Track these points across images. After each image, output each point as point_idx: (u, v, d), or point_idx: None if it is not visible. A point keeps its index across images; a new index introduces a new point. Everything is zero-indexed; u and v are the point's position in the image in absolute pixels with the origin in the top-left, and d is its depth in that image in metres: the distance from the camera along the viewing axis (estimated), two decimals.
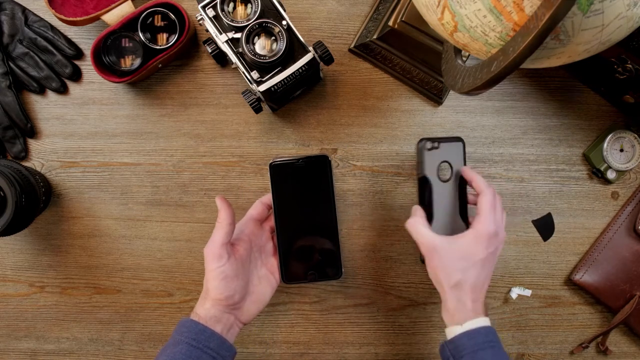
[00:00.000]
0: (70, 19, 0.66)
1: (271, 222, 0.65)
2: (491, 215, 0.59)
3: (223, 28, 0.62)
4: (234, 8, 0.63)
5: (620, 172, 0.71)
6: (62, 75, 0.71)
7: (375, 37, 0.69)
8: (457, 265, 0.57)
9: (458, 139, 0.64)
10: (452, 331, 0.57)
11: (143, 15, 0.67)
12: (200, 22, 0.63)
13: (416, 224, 0.60)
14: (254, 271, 0.62)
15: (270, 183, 0.63)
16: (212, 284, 0.57)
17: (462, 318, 0.56)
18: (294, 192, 0.64)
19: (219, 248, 0.57)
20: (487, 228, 0.58)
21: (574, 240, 0.72)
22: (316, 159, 0.63)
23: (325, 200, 0.64)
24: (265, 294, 0.62)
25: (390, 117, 0.72)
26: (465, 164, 0.64)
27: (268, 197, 0.64)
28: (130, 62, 0.68)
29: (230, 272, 0.57)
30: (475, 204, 0.62)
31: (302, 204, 0.64)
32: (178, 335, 0.56)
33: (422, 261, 0.70)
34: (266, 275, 0.63)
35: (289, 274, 0.64)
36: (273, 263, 0.64)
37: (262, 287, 0.62)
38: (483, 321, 0.56)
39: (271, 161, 0.63)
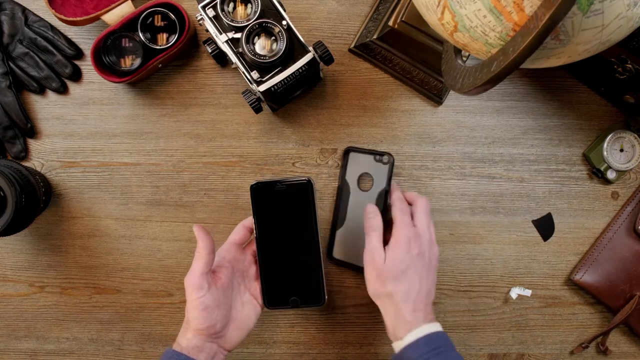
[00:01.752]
0: (70, 19, 0.66)
1: (254, 245, 0.64)
2: (404, 220, 0.59)
3: (223, 28, 0.62)
4: (234, 8, 0.63)
5: (620, 172, 0.71)
6: (62, 75, 0.71)
7: (375, 37, 0.69)
8: (386, 276, 0.57)
9: (385, 154, 0.68)
10: (397, 346, 0.56)
11: (143, 15, 0.67)
12: (200, 22, 0.63)
13: (371, 236, 0.60)
14: (237, 297, 0.61)
15: (251, 205, 0.62)
16: (192, 315, 0.56)
17: (401, 332, 0.56)
18: (276, 215, 0.62)
19: (198, 278, 0.56)
20: (403, 232, 0.58)
21: (574, 240, 0.72)
22: (299, 183, 0.62)
23: (308, 224, 0.63)
24: (249, 319, 0.61)
25: (390, 117, 0.72)
26: (390, 181, 0.67)
27: (250, 220, 0.63)
28: (130, 62, 0.68)
29: (211, 302, 0.57)
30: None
31: (285, 228, 0.63)
32: None
33: None
34: (249, 300, 0.62)
35: (271, 299, 0.63)
36: (256, 287, 0.63)
37: (246, 313, 0.61)
38: (425, 329, 0.55)
39: (253, 183, 0.62)
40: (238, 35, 0.62)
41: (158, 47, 0.68)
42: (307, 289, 0.64)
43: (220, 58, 0.69)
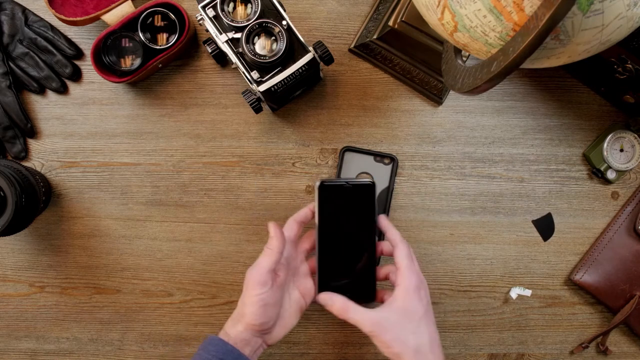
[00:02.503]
0: (70, 19, 0.66)
1: (305, 243, 0.64)
2: (412, 267, 0.57)
3: (223, 28, 0.62)
4: (234, 8, 0.63)
5: (620, 172, 0.71)
6: (62, 75, 0.71)
7: (375, 37, 0.69)
8: (408, 329, 0.55)
9: (387, 156, 0.67)
10: None
11: (143, 15, 0.67)
12: (200, 22, 0.63)
13: (348, 308, 0.56)
14: (287, 295, 0.60)
15: (316, 202, 0.62)
16: (249, 310, 0.56)
17: None
18: (338, 214, 0.63)
19: (264, 275, 0.56)
20: (413, 282, 0.56)
21: (574, 240, 0.72)
22: (363, 185, 0.62)
23: (367, 224, 0.63)
24: (293, 318, 0.60)
25: (390, 117, 0.72)
26: (392, 180, 0.66)
27: (301, 215, 0.63)
28: (130, 62, 0.68)
29: (271, 300, 0.56)
30: (390, 255, 0.60)
31: (345, 226, 0.63)
32: (205, 352, 0.55)
33: None
34: (297, 299, 0.61)
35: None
36: (306, 285, 0.62)
37: (292, 311, 0.60)
38: None
39: (320, 181, 0.62)
40: (238, 35, 0.62)
41: (158, 47, 0.68)
42: (359, 285, 0.63)
43: (220, 58, 0.69)
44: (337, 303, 0.57)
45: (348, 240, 0.63)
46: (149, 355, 0.72)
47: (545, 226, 0.72)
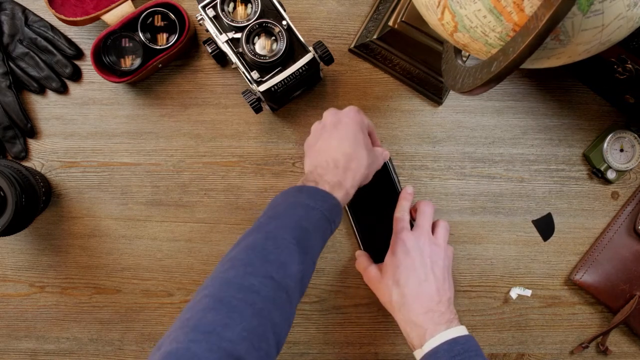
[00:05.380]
0: (70, 19, 0.66)
1: None
2: (399, 224, 0.63)
3: (223, 28, 0.62)
4: (234, 8, 0.63)
5: (620, 172, 0.71)
6: (62, 75, 0.71)
7: (375, 37, 0.69)
8: (384, 286, 0.60)
9: None
10: (417, 355, 0.55)
11: (143, 15, 0.67)
12: (200, 22, 0.63)
13: (364, 267, 0.65)
14: None
15: None
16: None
17: (418, 339, 0.55)
18: (364, 192, 0.65)
19: None
20: (394, 238, 0.62)
21: (574, 240, 0.72)
22: None
23: (391, 194, 0.68)
24: None
25: (390, 117, 0.72)
26: (394, 178, 0.70)
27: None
28: (130, 62, 0.68)
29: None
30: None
31: (373, 200, 0.69)
32: (311, 201, 0.53)
33: None
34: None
35: (375, 260, 0.67)
36: None
37: None
38: (447, 334, 0.54)
39: None
40: (238, 35, 0.62)
41: (158, 47, 0.68)
42: None
43: (220, 58, 0.69)
44: (358, 260, 0.67)
45: (380, 212, 0.69)
46: (148, 355, 0.72)
47: (545, 226, 0.72)
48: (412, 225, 0.65)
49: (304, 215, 0.51)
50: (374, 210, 0.69)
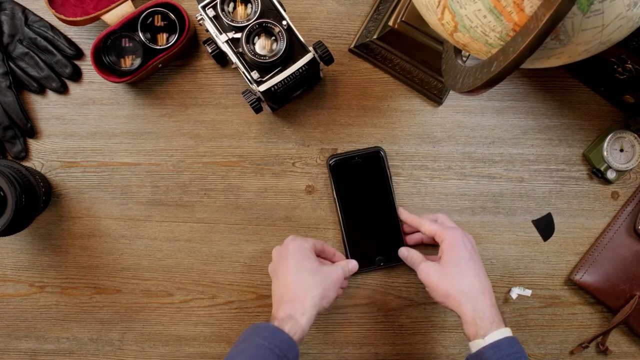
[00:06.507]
0: (70, 19, 0.66)
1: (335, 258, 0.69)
2: (442, 226, 0.64)
3: (223, 28, 0.62)
4: (234, 8, 0.63)
5: (620, 172, 0.71)
6: (62, 75, 0.71)
7: (375, 37, 0.69)
8: (452, 275, 0.60)
9: (376, 150, 0.70)
10: (475, 345, 0.56)
11: (143, 15, 0.67)
12: (200, 22, 0.63)
13: (419, 267, 0.64)
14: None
15: (330, 180, 0.70)
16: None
17: (483, 329, 0.56)
18: (354, 185, 0.70)
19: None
20: (448, 233, 0.62)
21: (574, 240, 0.72)
22: (370, 153, 0.70)
23: (383, 189, 0.70)
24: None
25: (390, 117, 0.72)
26: (387, 171, 0.70)
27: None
28: (130, 62, 0.68)
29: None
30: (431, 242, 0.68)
31: (363, 194, 0.70)
32: (259, 338, 0.56)
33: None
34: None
35: (359, 263, 0.68)
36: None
37: None
38: (506, 332, 0.56)
39: (329, 161, 0.69)
40: (238, 35, 0.62)
41: (158, 47, 0.68)
42: (389, 248, 0.70)
43: (220, 58, 0.69)
44: (409, 255, 0.67)
45: (368, 207, 0.70)
46: (149, 355, 0.72)
47: (545, 226, 0.72)
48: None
49: (253, 355, 0.54)
50: (364, 209, 0.70)
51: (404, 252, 0.68)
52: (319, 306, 0.60)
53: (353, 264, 0.67)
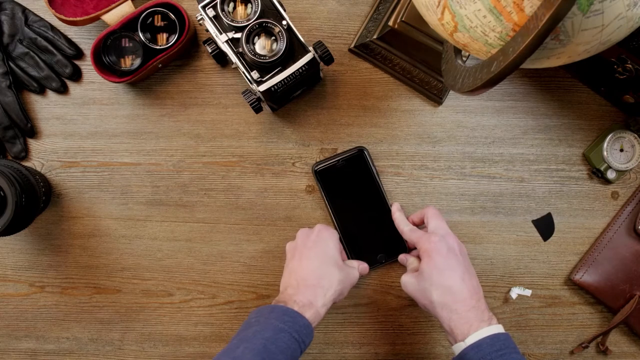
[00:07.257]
0: (70, 19, 0.66)
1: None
2: (422, 235, 0.63)
3: (223, 28, 0.62)
4: (234, 8, 0.63)
5: (620, 172, 0.71)
6: (62, 75, 0.71)
7: (375, 37, 0.69)
8: (426, 285, 0.60)
9: (359, 151, 0.70)
10: (457, 348, 0.56)
11: (143, 15, 0.67)
12: (200, 22, 0.63)
13: (401, 279, 0.65)
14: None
15: (319, 187, 0.70)
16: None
17: (460, 333, 0.56)
18: (343, 188, 0.70)
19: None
20: (426, 245, 0.61)
21: (574, 240, 0.72)
22: (353, 155, 0.70)
23: (372, 187, 0.70)
24: None
25: (390, 117, 0.72)
26: (373, 169, 0.70)
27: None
28: (130, 62, 0.68)
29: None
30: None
31: (353, 196, 0.70)
32: (279, 322, 0.55)
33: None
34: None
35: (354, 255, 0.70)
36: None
37: None
38: (489, 330, 0.55)
39: (314, 168, 0.70)
40: (238, 35, 0.62)
41: (158, 47, 0.68)
42: (389, 244, 0.71)
43: (220, 58, 0.69)
44: (408, 266, 0.66)
45: (361, 207, 0.70)
46: (149, 355, 0.72)
47: (545, 226, 0.72)
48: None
49: (272, 337, 0.53)
50: (357, 210, 0.70)
51: (402, 259, 0.69)
52: (334, 302, 0.60)
53: (364, 266, 0.68)
